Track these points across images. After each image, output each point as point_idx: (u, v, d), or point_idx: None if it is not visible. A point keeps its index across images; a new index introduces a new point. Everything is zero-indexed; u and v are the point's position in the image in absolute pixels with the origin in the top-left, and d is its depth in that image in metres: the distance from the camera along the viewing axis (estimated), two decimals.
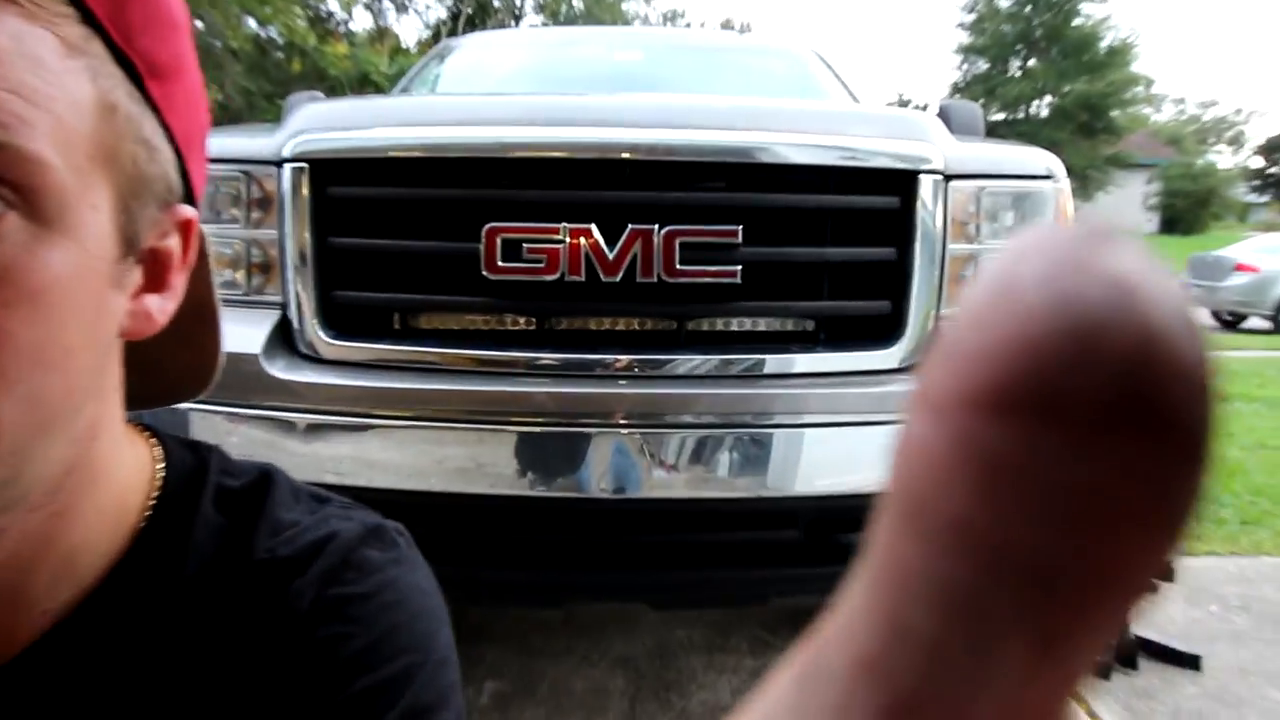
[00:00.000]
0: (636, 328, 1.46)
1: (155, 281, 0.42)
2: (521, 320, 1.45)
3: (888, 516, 0.11)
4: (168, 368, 0.48)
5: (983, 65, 35.49)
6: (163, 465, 0.46)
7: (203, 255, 0.46)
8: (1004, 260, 0.11)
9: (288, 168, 1.42)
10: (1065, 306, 0.10)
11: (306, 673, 0.42)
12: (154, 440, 0.48)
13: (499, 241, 1.35)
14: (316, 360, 1.42)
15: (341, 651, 0.43)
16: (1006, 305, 0.11)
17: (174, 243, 0.43)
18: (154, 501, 0.45)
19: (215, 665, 0.42)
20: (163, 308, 0.42)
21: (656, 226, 1.35)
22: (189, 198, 0.43)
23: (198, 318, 0.47)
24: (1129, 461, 0.10)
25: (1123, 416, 0.10)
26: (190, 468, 0.47)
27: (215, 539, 0.45)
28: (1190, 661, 1.99)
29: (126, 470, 0.44)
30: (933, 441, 0.11)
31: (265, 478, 0.49)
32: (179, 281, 0.43)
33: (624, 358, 1.40)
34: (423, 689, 0.43)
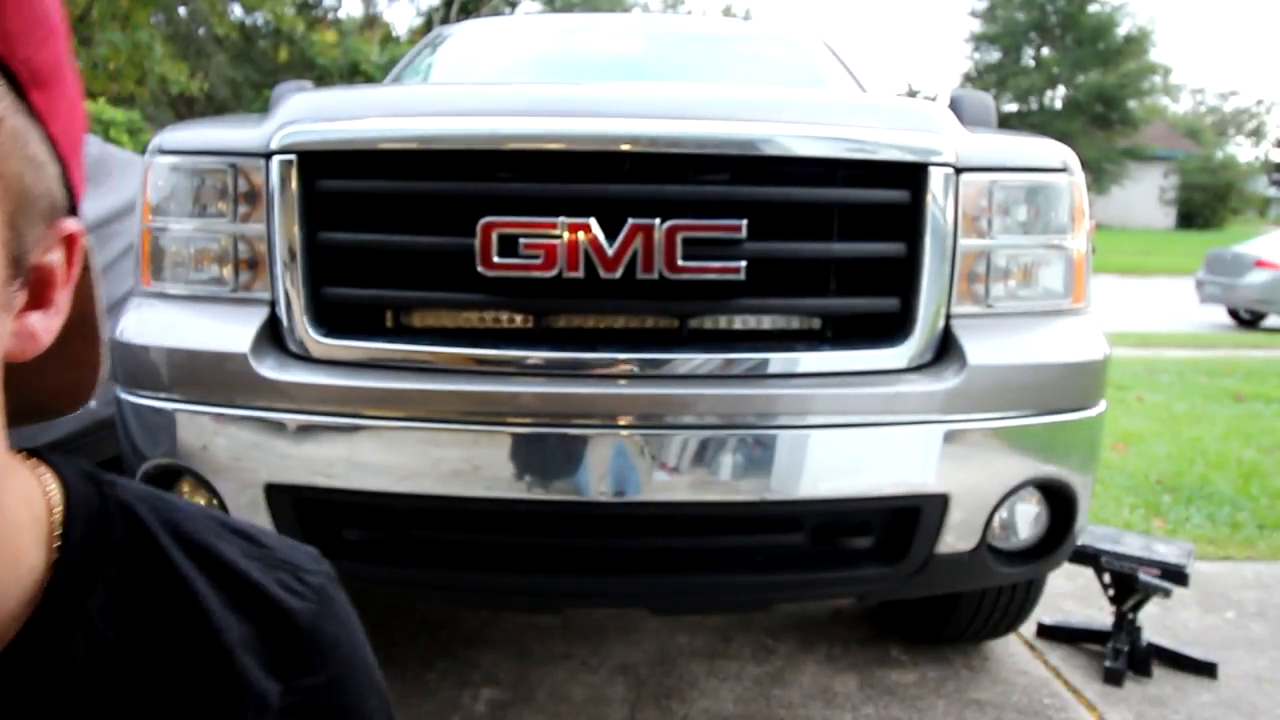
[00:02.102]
0: (637, 326, 1.46)
1: (39, 299, 0.41)
2: (518, 318, 1.45)
3: None
4: (41, 384, 0.47)
5: (995, 54, 35.50)
6: (60, 502, 0.45)
7: (84, 268, 0.45)
8: None
9: (276, 160, 1.42)
10: None
11: None
12: (42, 467, 0.46)
13: (495, 237, 1.35)
14: (306, 359, 1.42)
15: None
16: None
17: (58, 258, 0.42)
18: (58, 543, 0.43)
19: None
20: (47, 326, 0.41)
21: (658, 221, 1.35)
22: (70, 208, 0.42)
23: (78, 333, 0.46)
24: None
25: None
26: (93, 506, 0.46)
27: (136, 588, 0.45)
28: (1205, 669, 1.99)
29: (14, 505, 0.42)
30: None
31: (170, 511, 0.48)
32: (63, 298, 0.42)
33: (624, 357, 1.40)
34: None
